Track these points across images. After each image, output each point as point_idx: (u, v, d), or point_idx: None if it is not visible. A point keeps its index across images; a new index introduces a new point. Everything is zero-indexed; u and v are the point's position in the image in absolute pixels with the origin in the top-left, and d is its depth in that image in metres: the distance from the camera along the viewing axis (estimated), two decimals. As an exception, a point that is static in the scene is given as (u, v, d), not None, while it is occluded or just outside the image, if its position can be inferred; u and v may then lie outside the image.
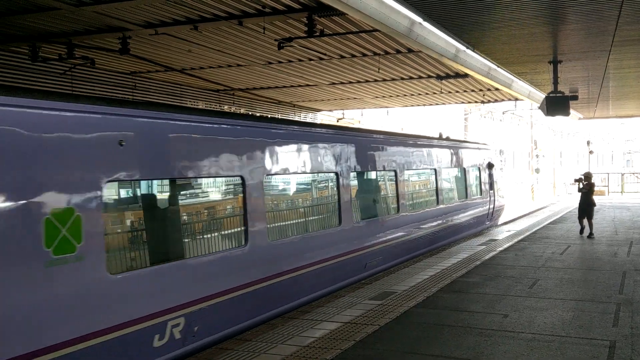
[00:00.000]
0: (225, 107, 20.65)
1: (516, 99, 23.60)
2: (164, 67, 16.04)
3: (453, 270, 11.02)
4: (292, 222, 9.80)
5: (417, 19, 9.29)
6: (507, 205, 24.32)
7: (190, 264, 7.05)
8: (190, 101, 19.11)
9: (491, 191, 20.41)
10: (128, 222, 6.91)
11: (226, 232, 8.16)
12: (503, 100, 24.39)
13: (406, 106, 26.38)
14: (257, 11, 11.24)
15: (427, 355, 6.33)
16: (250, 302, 7.91)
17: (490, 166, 20.48)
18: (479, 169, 19.56)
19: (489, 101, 24.30)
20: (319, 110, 26.59)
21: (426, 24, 9.59)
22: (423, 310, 8.12)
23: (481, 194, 19.47)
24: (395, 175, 13.19)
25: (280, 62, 15.88)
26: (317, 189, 11.20)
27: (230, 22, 11.67)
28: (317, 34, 11.76)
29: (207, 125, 7.75)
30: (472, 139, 33.80)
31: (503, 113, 45.85)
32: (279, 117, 23.30)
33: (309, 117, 25.90)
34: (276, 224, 9.16)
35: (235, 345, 6.69)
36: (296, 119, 24.67)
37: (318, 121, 26.24)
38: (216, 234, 7.97)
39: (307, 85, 19.63)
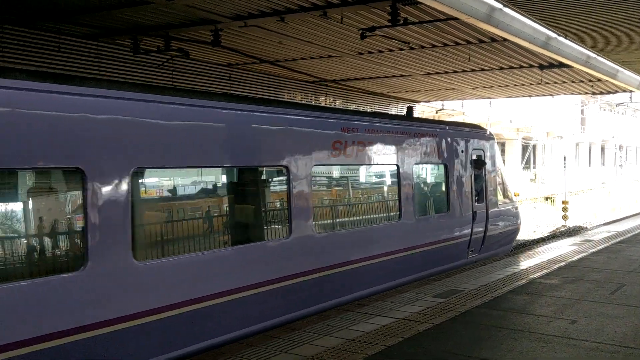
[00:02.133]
0: (321, 98, 20.85)
1: (631, 91, 21.93)
2: (258, 59, 16.44)
3: (532, 270, 10.50)
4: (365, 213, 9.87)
5: (497, 5, 8.92)
6: (555, 215, 18.73)
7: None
8: (286, 93, 19.47)
9: (479, 204, 12.64)
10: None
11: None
12: (617, 91, 22.72)
13: (509, 97, 25.30)
14: (341, 1, 11.25)
15: (472, 358, 6.10)
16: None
17: (478, 163, 12.82)
18: (462, 165, 12.33)
19: (600, 92, 22.73)
20: (416, 102, 26.15)
21: (507, 10, 9.18)
22: (485, 311, 7.82)
23: (453, 208, 11.79)
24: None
25: (370, 52, 15.79)
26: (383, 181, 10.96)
27: (315, 13, 11.77)
28: (401, 22, 11.59)
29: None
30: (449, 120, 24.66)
31: (617, 105, 42.74)
32: (374, 109, 23.18)
33: (405, 108, 25.52)
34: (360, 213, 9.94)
35: (282, 333, 6.81)
36: (393, 110, 24.43)
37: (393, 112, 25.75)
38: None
39: (402, 75, 19.36)
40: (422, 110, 27.81)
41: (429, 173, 12.43)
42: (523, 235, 21.84)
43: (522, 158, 43.40)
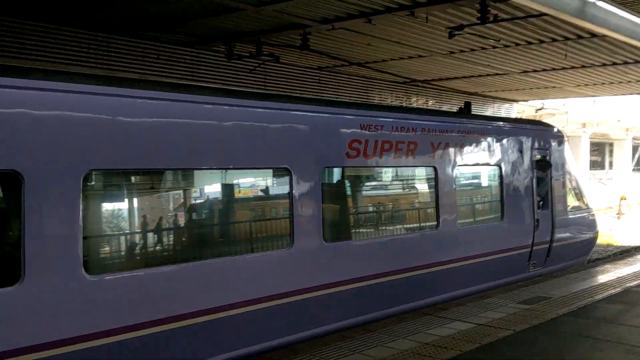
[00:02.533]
0: (413, 99, 20.66)
1: None
2: (346, 62, 16.56)
3: (630, 278, 9.89)
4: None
5: (590, -2, 8.51)
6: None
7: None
8: (376, 94, 19.46)
9: (543, 210, 11.25)
10: None
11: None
12: None
13: (616, 95, 23.91)
14: (428, 0, 11.14)
15: (552, 367, 5.87)
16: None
17: (542, 165, 11.50)
18: (520, 167, 11.05)
19: None
20: (514, 101, 25.28)
21: (601, 4, 8.72)
22: (572, 319, 7.46)
23: (508, 215, 10.52)
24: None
25: (462, 51, 15.48)
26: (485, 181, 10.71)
27: (402, 13, 11.72)
28: (491, 19, 11.30)
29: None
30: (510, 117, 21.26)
31: None
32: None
33: (503, 108, 24.77)
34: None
35: (357, 334, 6.85)
36: (488, 111, 23.76)
37: (501, 113, 24.92)
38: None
39: (497, 74, 18.82)
40: (522, 109, 26.84)
41: (478, 176, 11.12)
42: (626, 242, 20.55)
43: (633, 159, 40.76)
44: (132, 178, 6.43)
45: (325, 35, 13.54)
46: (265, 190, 7.77)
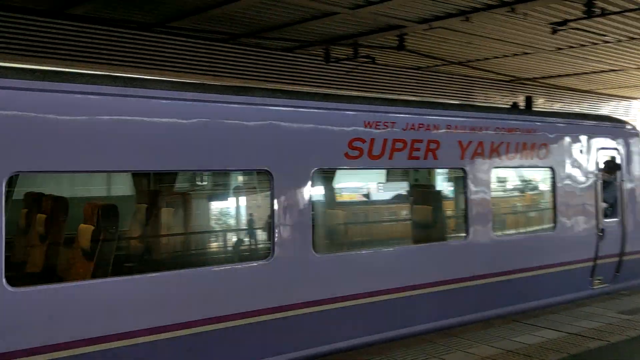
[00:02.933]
0: (519, 98, 19.89)
1: None
2: (446, 61, 16.26)
3: None
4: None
5: None
6: None
7: None
8: (480, 94, 18.94)
9: (610, 219, 9.92)
10: None
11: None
12: None
13: None
14: (528, -5, 10.77)
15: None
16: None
17: (610, 167, 10.11)
18: (579, 169, 9.68)
19: None
20: (633, 98, 23.62)
21: None
22: (678, 333, 6.91)
23: (561, 224, 9.26)
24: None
25: (571, 46, 14.75)
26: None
27: (501, 10, 11.38)
28: (598, 13, 10.71)
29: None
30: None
31: None
32: (581, 108, 21.46)
33: (621, 106, 23.22)
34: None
35: (439, 338, 6.73)
36: (603, 110, 22.37)
37: (618, 112, 23.27)
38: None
39: (611, 70, 17.73)
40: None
41: (523, 179, 10.05)
42: None
43: None
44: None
45: (422, 35, 13.40)
46: (240, 194, 7.22)
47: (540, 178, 9.71)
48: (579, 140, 9.57)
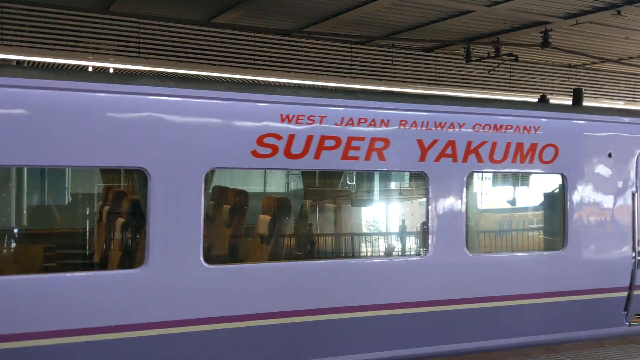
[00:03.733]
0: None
1: None
2: (601, 58, 15.15)
3: None
4: None
5: None
6: None
7: None
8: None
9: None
10: None
11: None
12: None
13: None
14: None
15: None
16: None
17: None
18: (602, 176, 7.86)
19: None
20: None
21: None
22: None
23: (574, 243, 7.61)
24: None
25: None
26: None
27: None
28: None
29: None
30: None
31: None
32: None
33: None
34: None
35: (537, 353, 6.33)
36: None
37: None
38: None
39: None
40: None
41: (519, 187, 8.70)
42: None
43: None
44: None
45: (568, 30, 12.63)
46: (110, 196, 6.71)
47: (546, 187, 8.25)
48: (607, 141, 7.75)
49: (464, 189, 6.84)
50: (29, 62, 12.07)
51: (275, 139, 6.06)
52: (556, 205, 7.80)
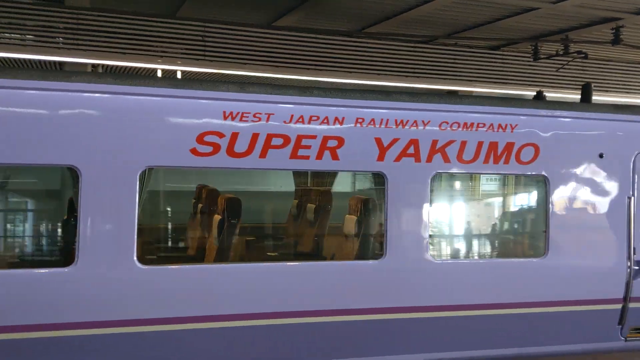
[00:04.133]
0: None
1: None
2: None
3: None
4: None
5: None
6: None
7: None
8: None
9: None
10: None
11: None
12: None
13: None
14: None
15: None
16: None
17: None
18: (591, 179, 7.17)
19: None
20: None
21: None
22: None
23: (555, 250, 6.95)
24: None
25: None
26: None
27: None
28: None
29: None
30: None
31: None
32: None
33: None
34: None
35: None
36: None
37: None
38: None
39: None
40: None
41: (496, 189, 8.22)
42: None
43: None
44: None
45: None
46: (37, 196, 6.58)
47: (527, 189, 7.87)
48: (597, 141, 7.10)
49: (428, 191, 6.47)
50: (103, 66, 12.79)
51: (217, 137, 5.86)
52: (538, 209, 7.37)
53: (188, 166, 5.93)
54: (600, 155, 7.06)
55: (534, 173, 6.93)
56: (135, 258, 5.56)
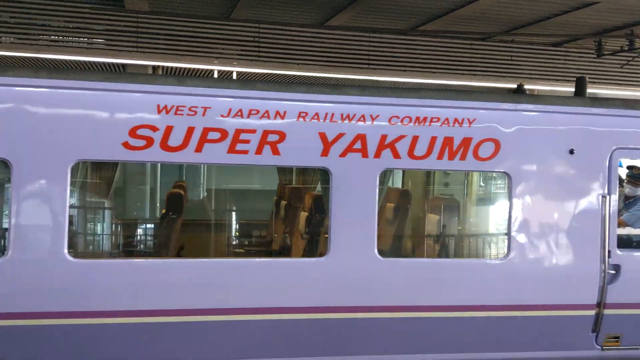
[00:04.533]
0: None
1: None
2: None
3: None
4: None
5: None
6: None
7: None
8: None
9: (627, 251, 6.71)
10: None
11: None
12: None
13: None
14: None
15: None
16: None
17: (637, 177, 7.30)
18: (564, 177, 6.55)
19: None
20: None
21: None
22: None
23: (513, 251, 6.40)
24: None
25: None
26: None
27: None
28: None
29: None
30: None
31: None
32: None
33: None
34: None
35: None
36: None
37: None
38: None
39: None
40: None
41: (454, 187, 7.93)
42: None
43: None
44: None
45: None
46: None
47: (487, 187, 7.56)
48: (567, 136, 6.59)
49: (376, 187, 6.19)
50: (162, 67, 13.27)
51: (150, 131, 5.77)
52: (499, 208, 6.99)
53: (119, 160, 6.09)
54: (571, 152, 6.54)
55: (494, 170, 6.65)
56: (65, 251, 5.58)
